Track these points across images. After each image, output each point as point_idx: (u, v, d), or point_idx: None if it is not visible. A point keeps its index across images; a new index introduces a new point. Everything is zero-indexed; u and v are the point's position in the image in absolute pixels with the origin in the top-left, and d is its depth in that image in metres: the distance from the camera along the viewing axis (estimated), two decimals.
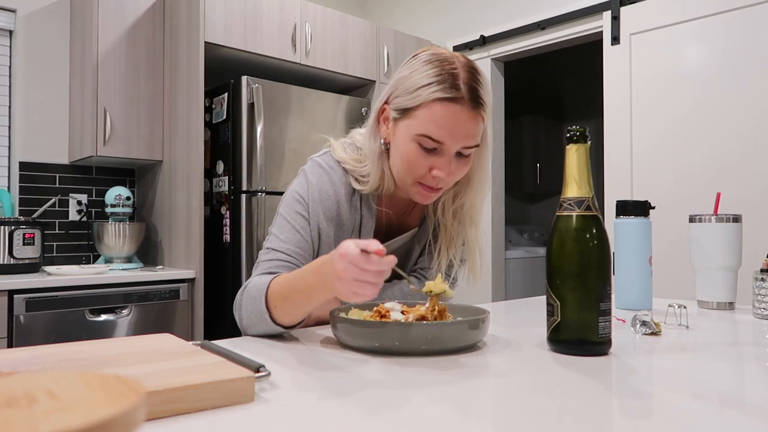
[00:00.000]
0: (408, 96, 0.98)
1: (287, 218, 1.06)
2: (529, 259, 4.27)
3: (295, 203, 1.07)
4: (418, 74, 0.97)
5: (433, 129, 0.95)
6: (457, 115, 0.95)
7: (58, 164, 2.79)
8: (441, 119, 0.95)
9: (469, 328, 0.83)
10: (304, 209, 1.06)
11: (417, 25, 3.74)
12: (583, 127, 0.84)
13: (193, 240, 2.55)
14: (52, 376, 0.30)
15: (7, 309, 2.08)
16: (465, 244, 1.14)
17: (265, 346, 0.88)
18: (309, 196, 1.06)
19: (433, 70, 0.96)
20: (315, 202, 1.06)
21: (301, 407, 0.59)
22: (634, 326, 1.00)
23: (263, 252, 1.06)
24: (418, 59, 1.00)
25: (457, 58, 0.98)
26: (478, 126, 0.97)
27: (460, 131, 0.96)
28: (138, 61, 2.69)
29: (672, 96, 2.59)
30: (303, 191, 1.07)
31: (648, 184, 2.65)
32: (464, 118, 0.95)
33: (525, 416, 0.57)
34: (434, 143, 0.96)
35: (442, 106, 0.94)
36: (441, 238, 1.13)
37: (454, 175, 1.00)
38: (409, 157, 0.99)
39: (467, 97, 0.94)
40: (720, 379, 0.71)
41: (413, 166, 0.99)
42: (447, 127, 0.95)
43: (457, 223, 1.12)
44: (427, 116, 0.96)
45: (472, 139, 0.97)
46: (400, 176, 1.03)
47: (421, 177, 1.00)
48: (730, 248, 1.29)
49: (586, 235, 0.81)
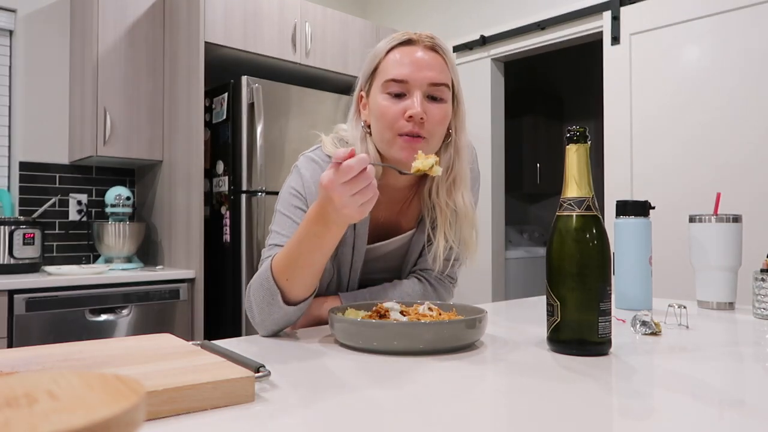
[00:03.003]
0: (369, 65, 1.05)
1: (286, 213, 1.06)
2: (529, 259, 4.27)
3: (292, 198, 1.07)
4: (377, 49, 1.05)
5: (394, 71, 1.00)
6: (415, 53, 1.00)
7: (58, 164, 2.79)
8: (399, 60, 1.00)
9: (466, 327, 0.83)
10: (302, 203, 1.06)
11: (417, 24, 3.74)
12: (583, 127, 0.84)
13: (193, 240, 2.55)
14: (52, 376, 0.30)
15: (7, 309, 2.09)
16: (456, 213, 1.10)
17: (265, 346, 0.88)
18: (305, 190, 1.06)
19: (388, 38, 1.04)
20: (312, 196, 1.06)
21: (301, 407, 0.59)
22: (634, 326, 1.00)
23: (265, 250, 1.06)
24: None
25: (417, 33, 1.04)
26: (439, 61, 1.01)
27: (421, 65, 0.99)
28: (138, 61, 2.69)
29: (672, 96, 2.59)
30: (298, 185, 1.07)
31: (648, 184, 2.65)
32: (422, 54, 1.00)
33: (525, 416, 0.57)
34: (399, 85, 0.99)
35: (399, 50, 1.01)
36: (438, 223, 1.10)
37: (430, 117, 1.00)
38: (381, 110, 1.01)
39: (422, 39, 1.01)
40: (720, 379, 0.71)
41: (387, 116, 1.00)
42: (406, 63, 0.99)
43: (452, 201, 1.10)
44: (387, 65, 1.01)
45: (436, 73, 1.00)
46: (381, 137, 1.03)
47: (398, 126, 1.00)
48: (730, 248, 1.29)
49: (586, 235, 0.81)
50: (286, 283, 0.91)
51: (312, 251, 0.89)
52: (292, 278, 0.91)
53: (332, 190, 0.79)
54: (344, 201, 0.79)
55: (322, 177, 0.80)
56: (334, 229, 0.86)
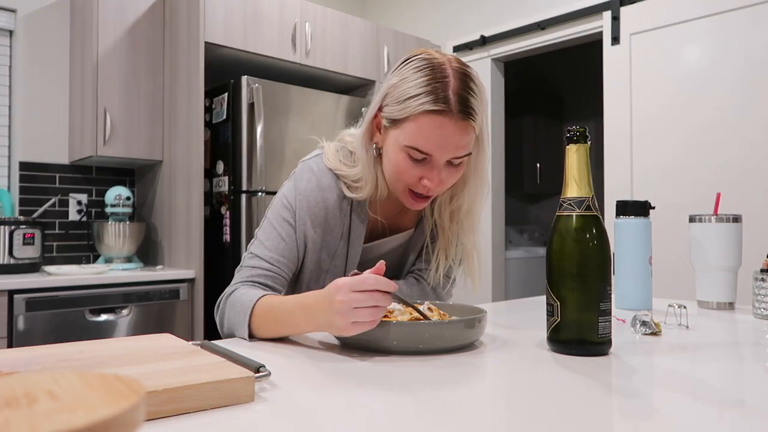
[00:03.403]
0: (397, 106, 0.96)
1: (274, 224, 1.06)
2: (529, 259, 4.27)
3: (282, 209, 1.07)
4: (407, 83, 0.95)
5: (420, 142, 0.94)
6: (445, 128, 0.93)
7: (58, 164, 2.79)
8: (429, 132, 0.93)
9: (465, 327, 0.83)
10: (291, 216, 1.06)
11: (417, 25, 3.74)
12: (583, 127, 0.84)
13: (193, 240, 2.55)
14: (52, 376, 0.30)
15: (7, 309, 2.08)
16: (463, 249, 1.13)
17: (265, 346, 0.88)
18: (297, 204, 1.06)
19: (422, 78, 0.94)
20: (302, 210, 1.05)
21: (301, 407, 0.59)
22: (634, 326, 1.00)
23: (247, 256, 1.06)
24: (408, 66, 0.97)
25: (449, 64, 0.95)
26: (468, 137, 0.96)
27: (448, 144, 0.94)
28: (138, 61, 2.69)
29: (672, 96, 2.59)
30: (291, 197, 1.07)
31: (648, 184, 2.65)
32: (452, 131, 0.93)
33: (525, 416, 0.57)
34: (423, 155, 0.96)
35: (430, 119, 0.93)
36: (439, 241, 1.13)
37: (444, 183, 1.00)
38: (398, 167, 0.99)
39: (456, 109, 0.92)
40: (720, 379, 0.71)
41: (403, 175, 0.99)
42: (434, 139, 0.94)
43: (455, 225, 1.12)
44: (415, 128, 0.94)
45: (461, 150, 0.96)
46: (392, 183, 1.03)
47: (411, 185, 1.00)
48: (730, 248, 1.29)
49: (586, 235, 0.81)
50: (257, 329, 0.93)
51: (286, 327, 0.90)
52: (263, 330, 0.92)
53: (339, 291, 0.77)
54: (343, 308, 0.76)
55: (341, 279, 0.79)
56: (315, 328, 0.85)
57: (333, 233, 1.08)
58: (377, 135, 1.04)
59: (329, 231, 1.07)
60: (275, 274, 1.04)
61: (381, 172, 1.05)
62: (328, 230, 1.07)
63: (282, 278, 1.05)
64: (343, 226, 1.08)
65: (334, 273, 1.09)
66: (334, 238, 1.08)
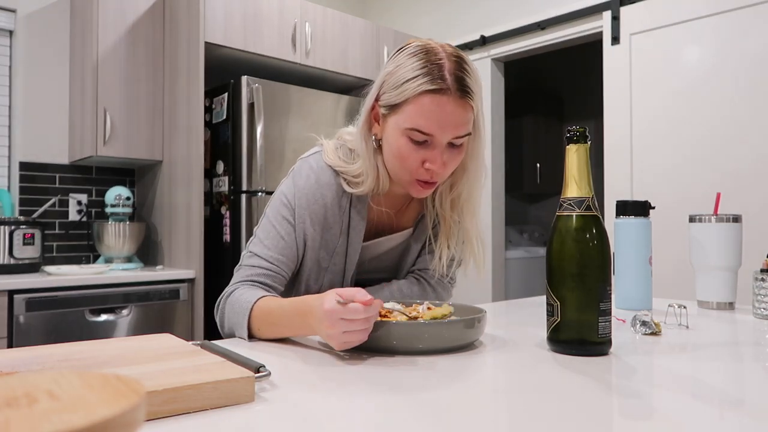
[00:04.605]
0: (395, 91, 0.97)
1: (273, 223, 1.06)
2: (529, 259, 4.27)
3: (282, 207, 1.07)
4: (403, 68, 0.96)
5: (421, 122, 0.95)
6: (445, 106, 0.94)
7: (58, 164, 2.79)
8: (429, 112, 0.94)
9: (465, 327, 0.83)
10: (290, 214, 1.06)
11: (417, 25, 3.74)
12: (583, 127, 0.84)
13: (193, 240, 2.55)
14: (52, 376, 0.30)
15: (7, 309, 2.08)
16: (464, 242, 1.13)
17: (265, 346, 0.88)
18: (296, 201, 1.06)
19: (418, 62, 0.95)
20: (301, 208, 1.05)
21: (301, 407, 0.59)
22: (634, 326, 1.00)
23: (246, 255, 1.06)
24: (403, 52, 0.99)
25: (443, 48, 0.97)
26: (467, 115, 0.97)
27: (449, 122, 0.95)
28: (138, 61, 2.69)
29: (672, 96, 2.59)
30: (290, 195, 1.06)
31: (648, 184, 2.65)
32: (452, 109, 0.94)
33: (525, 416, 0.57)
34: (424, 136, 0.96)
35: (429, 99, 0.94)
36: (441, 232, 1.12)
37: (447, 166, 1.00)
38: (400, 152, 0.98)
39: (454, 87, 0.94)
40: (720, 379, 0.71)
41: (405, 160, 0.99)
42: (435, 118, 0.94)
43: (456, 214, 1.11)
44: (414, 110, 0.95)
45: (462, 128, 0.97)
46: (395, 172, 1.03)
47: (414, 171, 0.99)
48: (730, 248, 1.29)
49: (586, 235, 0.81)
50: (257, 331, 0.94)
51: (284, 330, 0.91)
52: (263, 332, 0.93)
53: (329, 317, 0.77)
54: (333, 333, 0.77)
55: (328, 299, 0.78)
56: (306, 331, 0.87)
57: (332, 230, 1.07)
58: (376, 126, 1.04)
59: (328, 228, 1.07)
60: (275, 273, 1.03)
61: (382, 163, 1.05)
62: (327, 227, 1.07)
63: (281, 277, 1.05)
64: (342, 223, 1.08)
65: (334, 271, 1.09)
66: (333, 235, 1.08)
